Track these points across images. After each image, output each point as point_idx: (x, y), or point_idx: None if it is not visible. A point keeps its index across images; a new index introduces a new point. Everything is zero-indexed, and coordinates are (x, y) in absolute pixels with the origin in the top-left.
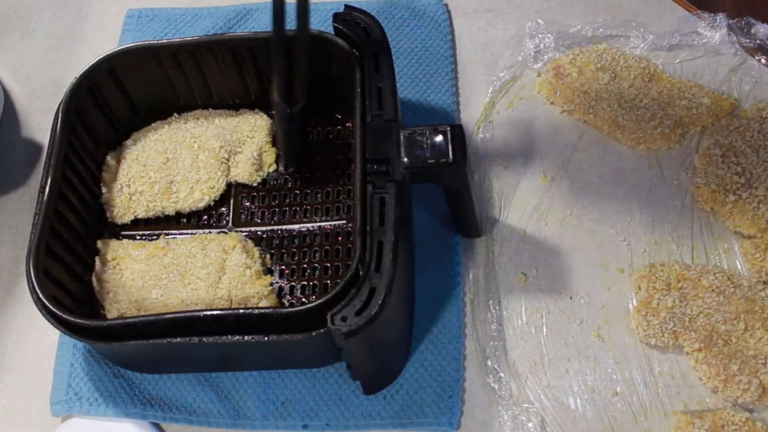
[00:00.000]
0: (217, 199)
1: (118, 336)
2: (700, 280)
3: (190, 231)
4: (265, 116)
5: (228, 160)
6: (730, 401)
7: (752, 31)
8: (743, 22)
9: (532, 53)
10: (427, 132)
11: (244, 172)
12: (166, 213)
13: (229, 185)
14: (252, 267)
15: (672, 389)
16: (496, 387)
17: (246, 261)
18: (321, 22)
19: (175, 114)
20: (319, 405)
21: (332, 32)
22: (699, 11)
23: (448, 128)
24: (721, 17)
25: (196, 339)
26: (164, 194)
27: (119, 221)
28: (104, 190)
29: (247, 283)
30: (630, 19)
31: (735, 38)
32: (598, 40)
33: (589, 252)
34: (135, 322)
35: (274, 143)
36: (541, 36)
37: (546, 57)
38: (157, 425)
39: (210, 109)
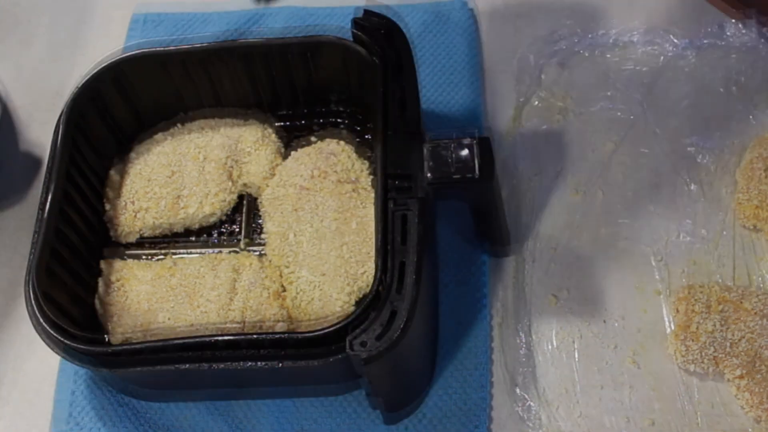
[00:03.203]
0: (228, 212)
1: (122, 362)
2: (742, 302)
3: (199, 250)
4: (271, 129)
5: (238, 170)
6: None
7: None
8: None
9: (563, 61)
10: (452, 145)
11: (254, 186)
12: (174, 230)
13: (241, 199)
14: (270, 288)
15: (712, 418)
16: (525, 416)
17: (264, 281)
18: (339, 28)
19: (179, 124)
20: None
21: (351, 38)
22: (741, 14)
23: (475, 141)
24: (751, 21)
25: (206, 365)
26: (171, 210)
27: (124, 240)
28: (108, 206)
29: (263, 304)
30: (665, 23)
31: None
32: (629, 45)
33: (623, 272)
34: (141, 347)
35: (284, 156)
36: (571, 42)
37: (577, 65)
38: None
39: (216, 118)
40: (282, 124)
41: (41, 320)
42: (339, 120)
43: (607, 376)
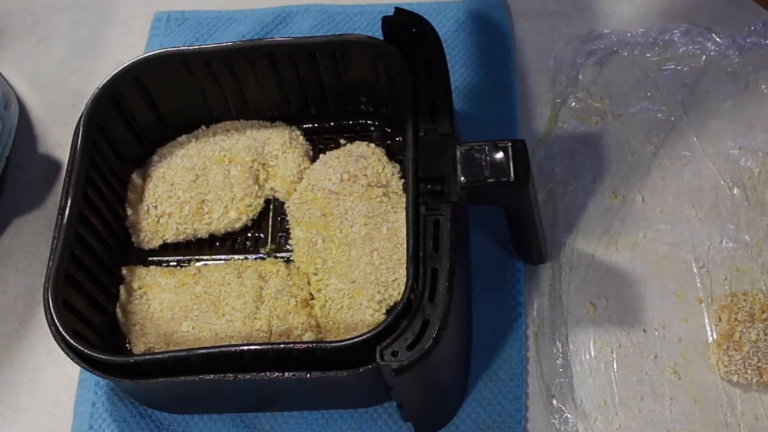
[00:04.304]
0: (255, 218)
1: (145, 373)
2: None
3: (224, 256)
4: (299, 131)
5: (264, 174)
6: None
7: None
8: None
9: (601, 61)
10: (486, 148)
11: (281, 190)
12: (198, 236)
13: (267, 203)
14: (298, 296)
15: (756, 431)
16: (561, 428)
17: (291, 289)
18: (369, 26)
19: (203, 126)
20: None
21: (381, 37)
22: None
23: (509, 144)
24: None
25: (231, 376)
26: (195, 215)
27: (146, 246)
28: (129, 211)
29: (291, 312)
30: (707, 22)
31: None
32: (669, 45)
33: (664, 280)
34: (164, 358)
35: (312, 159)
36: (610, 41)
37: (616, 65)
38: None
39: (242, 120)
40: (310, 125)
41: (60, 329)
42: (369, 122)
43: (647, 387)
